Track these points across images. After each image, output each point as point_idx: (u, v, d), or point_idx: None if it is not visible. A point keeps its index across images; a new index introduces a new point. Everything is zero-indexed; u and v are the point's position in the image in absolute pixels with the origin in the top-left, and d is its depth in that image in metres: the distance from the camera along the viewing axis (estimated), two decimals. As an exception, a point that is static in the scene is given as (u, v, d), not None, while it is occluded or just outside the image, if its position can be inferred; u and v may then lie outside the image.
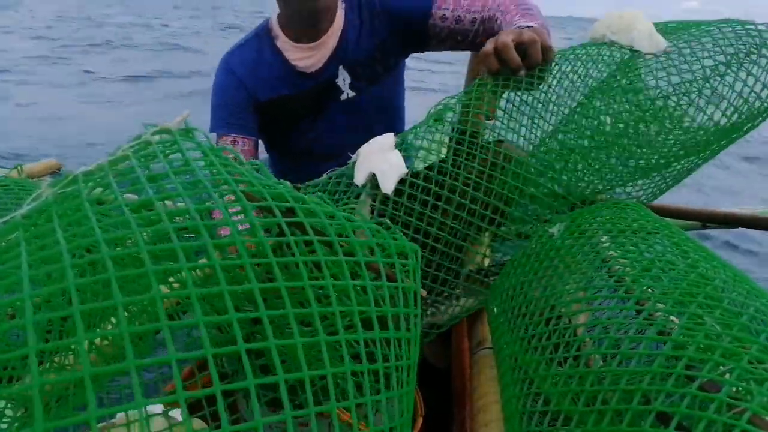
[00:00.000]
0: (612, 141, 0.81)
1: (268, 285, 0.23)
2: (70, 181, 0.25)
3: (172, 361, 0.18)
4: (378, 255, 0.29)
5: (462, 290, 0.86)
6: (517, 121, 0.85)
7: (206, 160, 0.28)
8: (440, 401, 0.84)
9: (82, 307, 0.17)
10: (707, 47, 0.82)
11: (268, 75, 1.20)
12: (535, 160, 0.84)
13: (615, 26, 0.87)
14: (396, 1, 1.20)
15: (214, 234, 0.23)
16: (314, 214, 0.27)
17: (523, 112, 0.85)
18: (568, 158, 0.83)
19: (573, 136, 0.83)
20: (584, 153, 0.83)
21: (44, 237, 0.22)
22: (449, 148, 0.83)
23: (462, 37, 1.17)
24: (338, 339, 0.24)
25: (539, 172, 0.83)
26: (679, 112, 0.82)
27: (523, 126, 0.85)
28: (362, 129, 1.24)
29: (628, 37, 0.85)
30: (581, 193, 0.85)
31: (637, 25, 0.85)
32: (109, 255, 0.19)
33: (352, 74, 1.22)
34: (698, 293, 0.43)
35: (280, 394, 0.20)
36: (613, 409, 0.38)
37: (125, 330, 0.17)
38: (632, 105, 0.82)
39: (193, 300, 0.19)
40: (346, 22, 1.20)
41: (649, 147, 0.83)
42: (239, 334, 0.19)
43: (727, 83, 0.80)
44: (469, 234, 0.81)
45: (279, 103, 1.21)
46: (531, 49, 0.82)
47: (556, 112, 0.86)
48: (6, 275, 0.20)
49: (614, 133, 0.81)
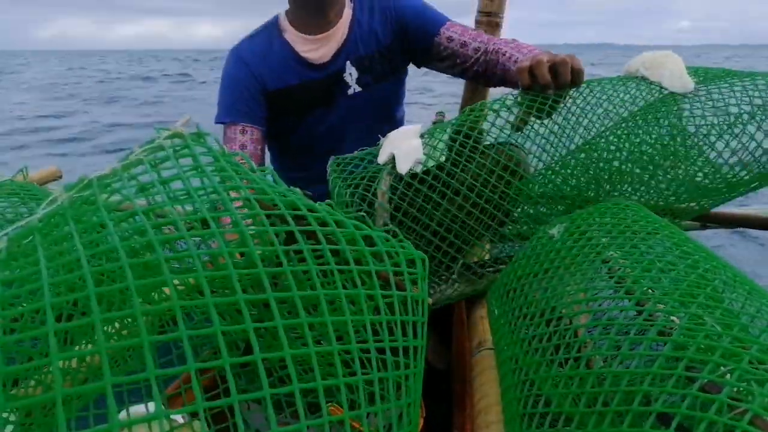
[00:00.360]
0: (646, 163, 0.83)
1: (281, 294, 0.23)
2: (84, 186, 0.25)
3: (192, 371, 0.18)
4: (387, 263, 0.29)
5: (458, 276, 0.89)
6: (541, 135, 0.88)
7: (217, 165, 0.28)
8: (441, 402, 0.84)
9: (102, 316, 0.17)
10: (736, 95, 0.84)
11: (278, 65, 1.21)
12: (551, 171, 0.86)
13: (648, 63, 0.92)
14: (411, 11, 1.24)
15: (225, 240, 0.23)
16: (325, 222, 0.28)
17: (550, 130, 0.87)
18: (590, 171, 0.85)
19: (601, 153, 0.86)
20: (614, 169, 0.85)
21: (61, 242, 0.22)
22: (452, 149, 0.87)
23: (461, 61, 1.21)
24: (349, 347, 0.24)
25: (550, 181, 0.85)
26: (695, 152, 0.85)
27: (546, 139, 0.88)
28: (364, 129, 1.26)
29: (659, 73, 0.90)
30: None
31: (668, 64, 0.89)
32: (127, 263, 0.19)
33: (359, 69, 1.24)
34: (698, 294, 0.44)
35: (289, 399, 0.20)
36: (614, 410, 0.38)
37: (146, 339, 0.17)
38: (667, 134, 0.84)
39: (211, 312, 0.19)
40: (354, 19, 1.23)
41: (665, 180, 0.86)
42: (256, 346, 0.20)
43: (748, 133, 0.82)
44: (472, 226, 0.83)
45: (287, 93, 1.22)
46: (561, 69, 0.85)
47: (582, 132, 0.88)
48: (24, 281, 0.20)
49: (649, 155, 0.83)
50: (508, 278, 0.66)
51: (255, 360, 0.19)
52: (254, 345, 0.20)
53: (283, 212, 0.26)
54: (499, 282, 0.69)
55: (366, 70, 1.24)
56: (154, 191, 0.25)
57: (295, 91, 1.22)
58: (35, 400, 0.16)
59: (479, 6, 1.50)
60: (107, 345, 0.17)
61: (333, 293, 0.25)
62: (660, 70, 0.89)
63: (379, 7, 1.25)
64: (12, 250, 0.22)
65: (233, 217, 0.25)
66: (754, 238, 2.78)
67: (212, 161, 0.28)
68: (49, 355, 0.16)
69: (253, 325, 0.20)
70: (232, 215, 0.24)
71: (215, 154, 0.29)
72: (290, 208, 0.27)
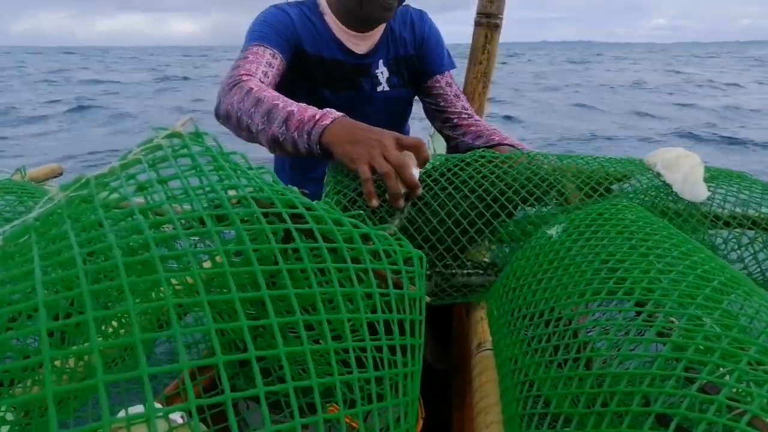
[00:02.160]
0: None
1: (277, 292, 0.23)
2: (82, 184, 0.25)
3: (185, 369, 0.18)
4: (384, 261, 0.29)
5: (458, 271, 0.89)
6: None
7: (216, 165, 0.28)
8: (440, 403, 0.84)
9: (96, 314, 0.17)
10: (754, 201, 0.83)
11: (316, 35, 1.22)
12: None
13: (667, 161, 0.91)
14: (434, 40, 1.33)
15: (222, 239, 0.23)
16: (322, 220, 0.28)
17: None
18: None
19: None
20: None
21: (57, 241, 0.22)
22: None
23: (445, 105, 1.31)
24: (346, 346, 0.24)
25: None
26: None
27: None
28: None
29: (673, 177, 0.89)
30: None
31: (685, 169, 0.89)
32: (122, 261, 0.19)
33: (389, 70, 1.29)
34: (698, 294, 0.44)
35: (288, 399, 0.20)
36: (613, 410, 0.38)
37: (138, 338, 0.17)
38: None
39: (205, 308, 0.19)
40: (389, 25, 1.28)
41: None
42: (250, 342, 0.19)
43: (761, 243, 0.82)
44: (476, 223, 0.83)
45: (317, 61, 1.23)
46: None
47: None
48: (19, 279, 0.20)
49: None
50: (507, 279, 0.66)
51: (249, 358, 0.19)
52: (248, 342, 0.20)
53: (280, 210, 0.26)
54: (499, 283, 0.69)
55: (395, 73, 1.30)
56: (152, 190, 0.25)
57: (327, 63, 1.23)
58: (25, 398, 0.16)
59: (479, 8, 1.50)
60: (101, 343, 0.17)
61: (330, 291, 0.25)
62: (675, 174, 0.89)
63: (411, 21, 1.31)
64: (8, 249, 0.22)
65: (231, 216, 0.25)
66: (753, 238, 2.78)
67: (210, 161, 0.28)
68: (41, 353, 0.16)
69: (247, 323, 0.20)
70: (229, 214, 0.24)
71: (213, 154, 0.29)
72: (287, 207, 0.27)
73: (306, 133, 0.87)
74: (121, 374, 0.17)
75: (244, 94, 0.96)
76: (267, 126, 0.91)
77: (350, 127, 0.85)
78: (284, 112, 0.90)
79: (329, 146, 0.84)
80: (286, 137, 0.89)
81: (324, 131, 0.85)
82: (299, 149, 0.89)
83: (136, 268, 0.29)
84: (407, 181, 0.77)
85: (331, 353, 0.22)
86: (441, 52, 1.33)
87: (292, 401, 0.19)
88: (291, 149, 0.91)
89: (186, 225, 0.24)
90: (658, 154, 0.93)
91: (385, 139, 0.80)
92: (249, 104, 0.94)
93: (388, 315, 0.28)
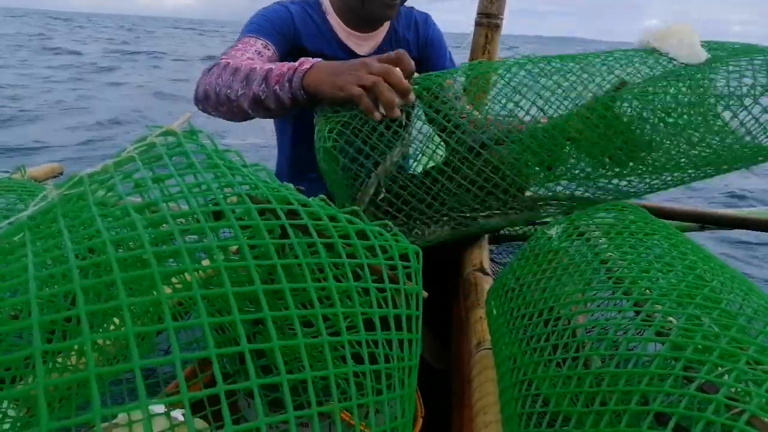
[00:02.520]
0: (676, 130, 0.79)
1: (271, 287, 0.23)
2: (75, 183, 0.25)
3: (177, 362, 0.18)
4: (380, 257, 0.29)
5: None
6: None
7: (210, 162, 0.28)
8: (440, 402, 0.84)
9: (87, 308, 0.17)
10: (756, 66, 0.79)
11: (317, 33, 1.21)
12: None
13: (659, 34, 0.88)
14: (438, 44, 1.32)
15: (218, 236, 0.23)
16: (317, 216, 0.28)
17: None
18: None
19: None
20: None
21: (50, 238, 0.22)
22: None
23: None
24: (341, 340, 0.24)
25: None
26: (712, 120, 0.81)
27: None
28: None
29: (669, 44, 0.86)
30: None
31: (678, 35, 0.86)
32: (114, 257, 0.19)
33: None
34: (696, 294, 0.44)
35: (282, 394, 0.20)
36: (612, 409, 0.38)
37: (131, 331, 0.17)
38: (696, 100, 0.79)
39: (198, 301, 0.19)
40: (392, 27, 1.28)
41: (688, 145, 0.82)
42: (243, 336, 0.20)
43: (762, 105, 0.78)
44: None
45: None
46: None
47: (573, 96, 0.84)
48: (12, 276, 0.20)
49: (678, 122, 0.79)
50: (507, 279, 0.66)
51: (242, 350, 0.20)
52: (241, 336, 0.20)
53: (274, 206, 0.26)
54: (498, 282, 0.69)
55: None
56: (147, 188, 0.25)
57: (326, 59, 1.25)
58: (19, 392, 0.16)
59: (479, 8, 1.50)
60: (92, 336, 0.17)
61: (325, 286, 0.26)
62: (669, 40, 0.85)
63: (415, 23, 1.31)
64: (1, 246, 0.23)
65: (227, 213, 0.25)
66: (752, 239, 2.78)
67: (205, 158, 0.29)
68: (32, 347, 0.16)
69: (241, 317, 0.20)
70: (225, 211, 0.25)
71: (208, 152, 0.29)
72: (282, 203, 0.27)
73: (287, 82, 0.86)
74: (113, 367, 0.17)
75: (221, 70, 0.96)
76: (247, 89, 0.90)
77: (329, 65, 0.84)
78: (262, 71, 0.89)
79: (314, 86, 0.83)
80: (268, 93, 0.88)
81: (305, 75, 0.85)
82: (283, 101, 0.88)
83: (132, 266, 0.30)
84: (397, 84, 0.75)
85: (325, 347, 0.22)
86: (444, 55, 1.33)
87: (285, 393, 0.19)
88: (274, 105, 0.89)
89: (182, 223, 0.24)
90: (647, 33, 0.89)
91: (364, 60, 0.79)
92: (227, 76, 0.94)
93: (384, 310, 0.28)
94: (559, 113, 0.85)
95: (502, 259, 1.74)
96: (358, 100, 0.77)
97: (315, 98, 0.86)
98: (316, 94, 0.84)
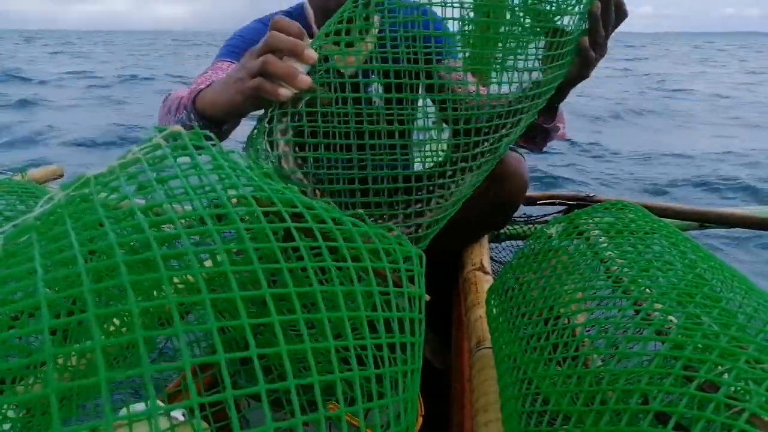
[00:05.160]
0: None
1: (278, 291, 0.23)
2: (81, 184, 0.25)
3: (187, 367, 0.18)
4: (384, 260, 0.29)
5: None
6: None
7: (215, 164, 0.28)
8: (440, 401, 0.85)
9: (97, 311, 0.17)
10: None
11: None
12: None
13: None
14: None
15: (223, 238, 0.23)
16: (322, 219, 0.28)
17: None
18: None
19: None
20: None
21: (56, 240, 0.22)
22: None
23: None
24: (346, 344, 0.24)
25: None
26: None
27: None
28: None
29: None
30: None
31: None
32: (122, 259, 0.19)
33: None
34: (696, 293, 0.44)
35: (289, 397, 0.20)
36: (612, 408, 0.38)
37: (140, 334, 0.17)
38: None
39: (207, 306, 0.19)
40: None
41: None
42: (251, 340, 0.20)
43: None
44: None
45: None
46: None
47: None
48: (20, 278, 0.20)
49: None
50: (507, 277, 0.66)
51: (251, 355, 0.20)
52: (250, 340, 0.20)
53: (279, 209, 0.26)
54: (498, 281, 0.69)
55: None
56: (152, 189, 0.25)
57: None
58: (30, 397, 0.16)
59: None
60: (102, 341, 0.17)
61: (330, 289, 0.26)
62: None
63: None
64: (8, 248, 0.23)
65: (231, 215, 0.25)
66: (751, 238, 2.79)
67: (210, 160, 0.29)
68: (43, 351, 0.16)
69: (249, 321, 0.20)
70: (229, 213, 0.25)
71: (213, 153, 0.29)
72: (288, 206, 0.27)
73: (184, 108, 0.75)
74: (125, 371, 0.17)
75: (162, 107, 0.87)
76: (173, 121, 0.80)
77: (221, 78, 0.72)
78: (176, 99, 0.80)
79: (209, 108, 0.71)
80: (182, 124, 0.77)
81: (197, 98, 0.73)
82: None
83: (137, 268, 0.30)
84: (284, 46, 0.60)
85: (331, 350, 0.23)
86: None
87: (293, 399, 0.19)
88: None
89: (186, 224, 0.24)
90: None
91: (244, 59, 0.64)
92: (164, 111, 0.85)
93: (388, 313, 0.28)
94: None
95: (502, 257, 1.75)
96: (257, 90, 0.60)
97: (215, 121, 0.72)
98: (214, 116, 0.71)
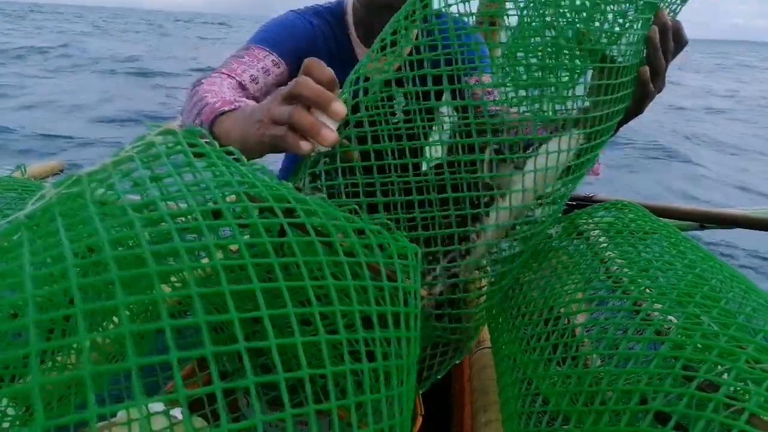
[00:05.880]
0: None
1: (269, 285, 0.23)
2: (73, 182, 0.25)
3: (173, 360, 0.18)
4: (378, 255, 0.29)
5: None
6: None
7: (209, 161, 0.28)
8: (439, 401, 0.84)
9: (84, 306, 0.17)
10: None
11: (336, 51, 1.09)
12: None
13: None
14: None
15: (216, 234, 0.23)
16: (315, 214, 0.28)
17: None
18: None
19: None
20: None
21: (47, 237, 0.22)
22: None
23: None
24: (339, 338, 0.24)
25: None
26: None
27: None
28: None
29: None
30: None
31: None
32: (112, 256, 0.19)
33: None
34: (696, 293, 0.43)
35: (280, 392, 0.20)
36: (611, 408, 0.38)
37: (127, 329, 0.17)
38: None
39: (195, 300, 0.19)
40: (412, 51, 1.24)
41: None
42: (240, 334, 0.20)
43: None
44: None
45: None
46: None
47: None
48: (8, 275, 0.20)
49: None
50: (507, 278, 0.66)
51: (239, 348, 0.20)
52: (239, 335, 0.20)
53: (272, 205, 0.26)
54: (498, 281, 0.69)
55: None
56: (145, 187, 0.25)
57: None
58: (15, 389, 0.16)
59: (479, 9, 1.50)
60: (89, 335, 0.17)
61: (323, 284, 0.26)
62: None
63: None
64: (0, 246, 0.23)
65: (224, 212, 0.25)
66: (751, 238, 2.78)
67: (204, 157, 0.29)
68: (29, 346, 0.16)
69: (237, 315, 0.20)
70: (223, 210, 0.25)
71: (207, 151, 0.29)
72: (281, 202, 0.27)
73: (201, 124, 0.71)
74: (109, 366, 0.17)
75: (189, 98, 0.81)
76: (188, 120, 0.76)
77: (244, 111, 0.66)
78: (202, 100, 0.74)
79: (223, 137, 0.67)
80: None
81: (215, 121, 0.69)
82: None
83: (130, 265, 0.29)
84: (313, 98, 0.54)
85: (323, 344, 0.22)
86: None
87: (282, 392, 0.19)
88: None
89: (180, 222, 0.24)
90: None
91: (270, 101, 0.59)
92: (188, 106, 0.79)
93: (382, 308, 0.28)
94: None
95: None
96: (279, 139, 0.56)
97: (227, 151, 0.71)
98: (229, 145, 0.69)
